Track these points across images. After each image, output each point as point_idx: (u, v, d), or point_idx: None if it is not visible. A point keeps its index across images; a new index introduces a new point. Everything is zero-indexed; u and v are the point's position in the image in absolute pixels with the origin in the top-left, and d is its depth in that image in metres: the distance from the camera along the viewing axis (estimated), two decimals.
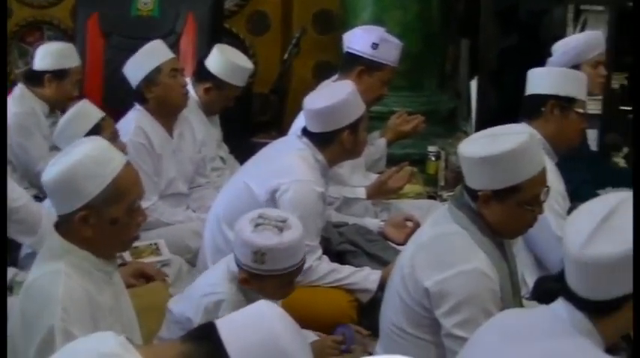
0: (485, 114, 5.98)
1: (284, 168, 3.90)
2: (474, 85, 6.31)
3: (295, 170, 3.87)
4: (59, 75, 5.21)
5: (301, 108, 4.10)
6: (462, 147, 3.00)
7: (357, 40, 4.63)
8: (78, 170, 2.64)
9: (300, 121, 4.21)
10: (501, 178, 2.91)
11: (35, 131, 5.08)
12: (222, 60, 5.06)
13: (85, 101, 4.37)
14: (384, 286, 3.44)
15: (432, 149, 5.45)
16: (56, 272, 2.63)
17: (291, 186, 3.83)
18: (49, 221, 3.01)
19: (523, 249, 3.77)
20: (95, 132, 3.93)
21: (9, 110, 4.68)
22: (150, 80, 4.63)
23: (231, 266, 3.22)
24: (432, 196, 5.16)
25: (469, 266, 2.91)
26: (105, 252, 2.75)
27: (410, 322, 3.04)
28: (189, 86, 4.88)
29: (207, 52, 5.20)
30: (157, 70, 4.63)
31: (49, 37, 6.84)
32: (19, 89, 5.22)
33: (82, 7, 6.31)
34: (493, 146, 2.90)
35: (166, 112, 4.71)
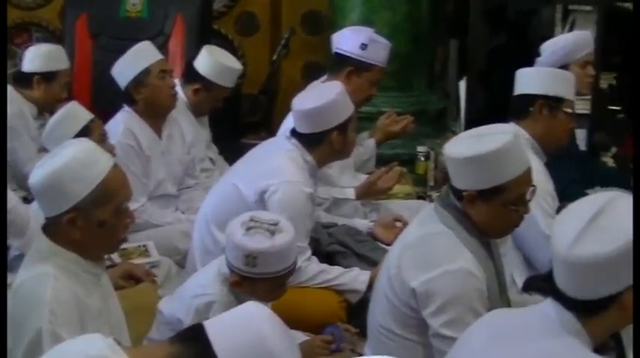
0: (474, 114, 5.99)
1: (273, 169, 3.90)
2: (462, 85, 6.31)
3: (284, 171, 3.87)
4: (48, 77, 5.20)
5: (290, 109, 4.10)
6: (447, 148, 3.01)
7: (346, 41, 4.63)
8: (65, 172, 2.63)
9: (289, 122, 4.21)
10: (486, 178, 2.92)
11: (23, 133, 5.06)
12: (210, 61, 5.06)
13: (74, 102, 4.37)
14: (373, 286, 3.44)
15: (421, 149, 5.46)
16: (44, 274, 2.62)
17: (280, 187, 3.83)
18: (37, 223, 3.00)
19: (512, 249, 3.77)
20: (84, 134, 3.92)
21: None
22: (138, 81, 4.62)
23: (222, 267, 3.22)
24: (421, 196, 5.16)
25: (455, 265, 2.91)
26: (93, 254, 2.74)
27: (397, 323, 3.04)
28: (177, 87, 4.88)
29: (195, 53, 5.20)
30: (145, 72, 4.62)
31: (37, 39, 6.83)
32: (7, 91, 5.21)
33: (71, 9, 6.31)
34: (478, 146, 2.90)
35: (155, 113, 4.71)
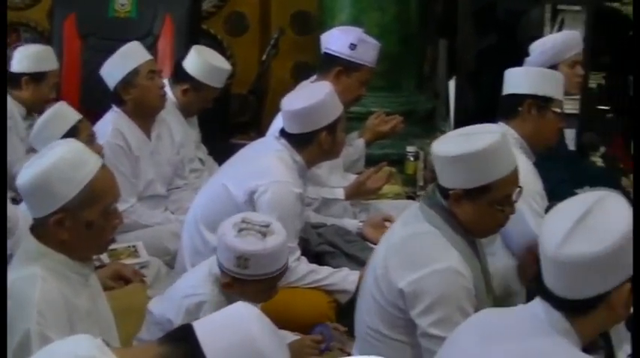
0: (463, 114, 5.99)
1: (262, 169, 3.89)
2: (452, 86, 6.32)
3: (273, 171, 3.87)
4: (37, 77, 5.19)
5: (279, 109, 4.10)
6: (435, 146, 3.01)
7: (335, 41, 4.63)
8: (53, 173, 2.63)
9: (278, 122, 4.21)
10: (473, 177, 2.93)
11: (12, 133, 5.05)
12: (199, 61, 5.05)
13: (62, 103, 4.35)
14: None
15: (410, 149, 5.46)
16: (32, 275, 2.62)
17: (270, 187, 3.83)
18: (25, 224, 2.99)
19: (502, 248, 3.78)
20: (72, 135, 3.90)
21: None
22: (127, 82, 4.61)
23: (213, 268, 3.22)
24: (410, 196, 5.17)
25: (442, 265, 2.92)
26: (81, 255, 2.73)
27: (385, 323, 3.04)
28: (166, 88, 4.87)
29: (185, 53, 5.18)
30: (134, 72, 4.61)
31: (25, 39, 6.81)
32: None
33: (59, 9, 6.29)
34: (465, 145, 2.91)
35: (144, 114, 4.70)
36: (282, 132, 4.00)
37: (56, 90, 5.39)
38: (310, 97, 3.93)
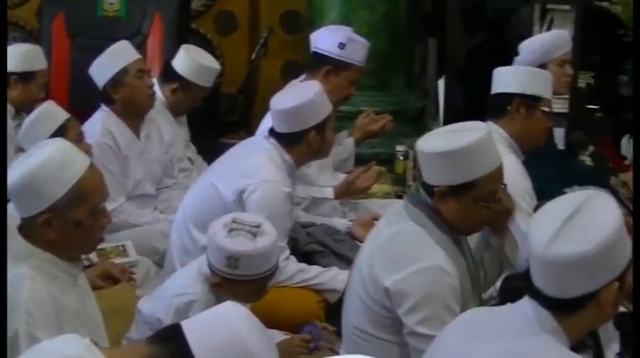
0: (453, 113, 5.99)
1: (251, 168, 3.89)
2: (441, 84, 6.32)
3: (262, 170, 3.87)
4: (25, 77, 5.16)
5: (269, 109, 4.10)
6: (420, 143, 3.01)
7: (324, 40, 4.63)
8: (40, 172, 2.62)
9: (268, 122, 4.20)
10: (458, 174, 2.92)
11: None
12: (188, 60, 5.05)
13: (50, 102, 4.34)
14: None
15: (400, 148, 5.45)
16: (20, 275, 2.61)
17: (259, 186, 3.82)
18: (13, 223, 2.98)
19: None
20: (60, 134, 3.90)
21: None
22: (116, 81, 4.61)
23: (203, 267, 3.22)
24: (400, 196, 5.13)
25: (427, 263, 2.91)
26: (69, 255, 2.73)
27: (372, 323, 3.02)
28: (156, 87, 4.86)
29: (174, 52, 5.18)
30: (123, 71, 4.61)
31: (14, 38, 6.77)
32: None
33: (48, 8, 6.27)
34: (450, 142, 2.90)
35: (133, 113, 4.69)
36: (272, 132, 3.99)
37: (45, 89, 5.37)
38: (299, 97, 3.93)
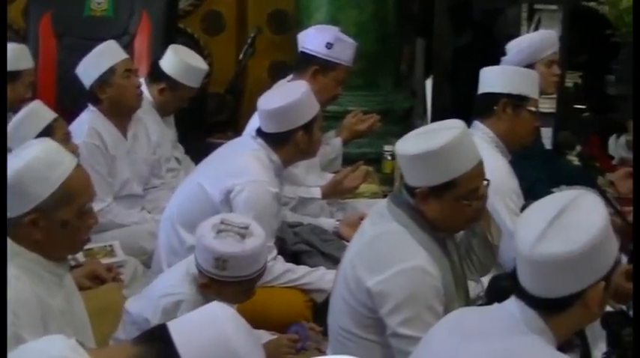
0: (440, 112, 5.98)
1: (238, 168, 3.89)
2: (429, 84, 6.32)
3: (250, 170, 3.86)
4: (12, 76, 5.13)
5: (257, 109, 4.09)
6: (398, 145, 3.00)
7: (311, 40, 4.63)
8: (27, 173, 2.61)
9: (255, 122, 4.20)
10: (436, 174, 2.91)
11: None
12: (176, 61, 5.04)
13: (37, 102, 4.32)
14: None
15: (387, 148, 5.45)
16: None
17: (246, 186, 3.82)
18: None
19: None
20: (47, 134, 3.88)
21: None
22: (103, 81, 4.60)
23: (191, 267, 3.21)
24: (387, 195, 5.15)
25: (410, 264, 2.90)
26: (55, 255, 2.72)
27: (355, 323, 3.02)
28: (143, 87, 4.86)
29: (161, 52, 5.17)
30: (110, 71, 4.60)
31: None
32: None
33: (34, 7, 6.25)
34: (425, 143, 2.89)
35: (120, 113, 4.69)
36: (259, 132, 3.99)
37: (32, 89, 5.36)
38: (286, 97, 3.92)
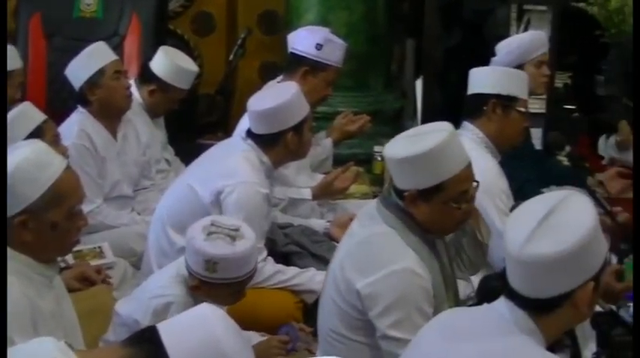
0: (431, 113, 6.01)
1: (228, 169, 3.88)
2: (419, 85, 6.33)
3: (240, 172, 3.86)
4: None
5: (247, 110, 4.09)
6: (386, 149, 3.00)
7: (301, 41, 4.63)
8: (16, 174, 2.61)
9: (245, 123, 4.19)
10: (425, 178, 2.91)
11: None
12: (166, 62, 5.03)
13: (27, 103, 4.30)
14: None
15: (378, 149, 5.44)
16: None
17: (236, 187, 3.82)
18: None
19: None
20: (36, 135, 3.86)
21: None
22: (93, 82, 4.59)
23: (181, 269, 3.21)
24: (378, 196, 5.15)
25: (399, 266, 2.90)
26: (45, 257, 2.71)
27: (344, 325, 3.02)
28: (133, 88, 4.85)
29: (151, 53, 5.16)
30: (100, 72, 4.60)
31: None
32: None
33: (24, 8, 6.23)
34: (413, 147, 2.89)
35: (110, 114, 4.68)
36: (249, 133, 3.98)
37: (22, 90, 5.35)
38: (276, 98, 3.92)
